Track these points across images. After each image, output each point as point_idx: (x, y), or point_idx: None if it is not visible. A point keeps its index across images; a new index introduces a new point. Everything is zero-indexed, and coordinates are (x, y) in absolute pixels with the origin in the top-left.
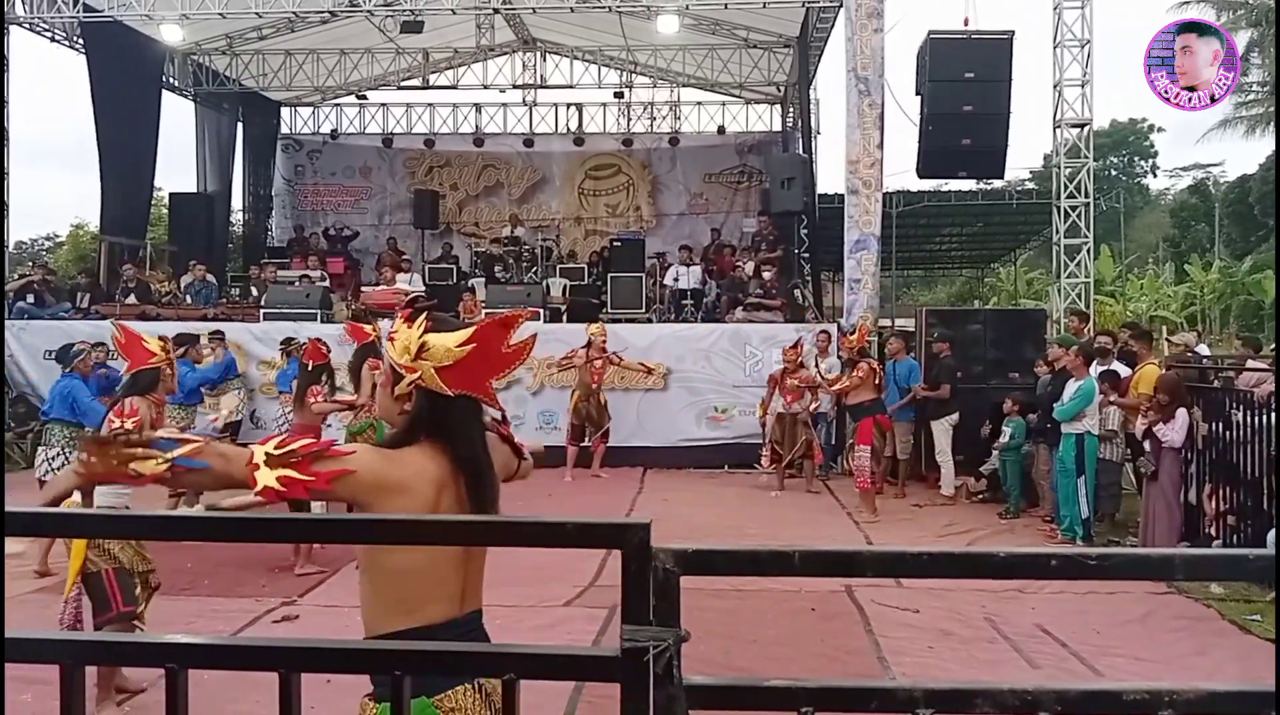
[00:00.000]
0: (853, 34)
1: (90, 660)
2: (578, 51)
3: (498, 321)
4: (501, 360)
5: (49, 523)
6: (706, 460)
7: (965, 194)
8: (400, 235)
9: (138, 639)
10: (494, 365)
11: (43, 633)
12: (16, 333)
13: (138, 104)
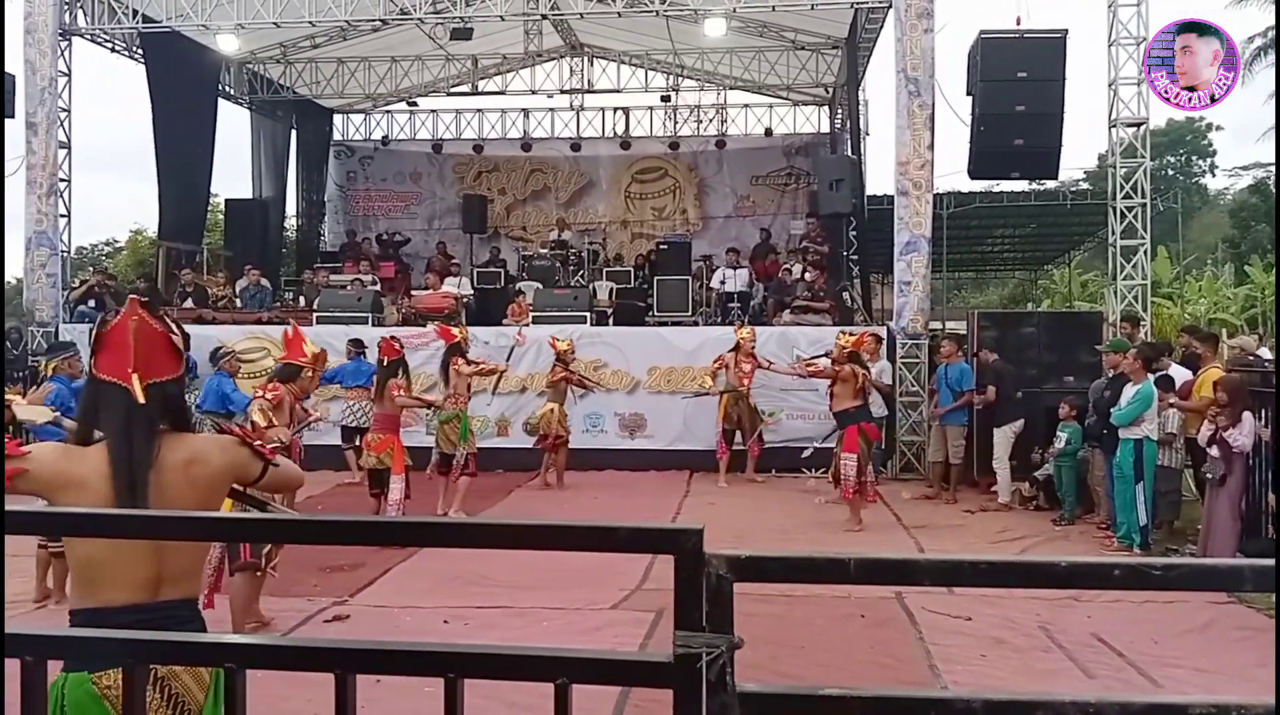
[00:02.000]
0: (902, 34)
1: (153, 659)
2: (625, 56)
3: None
4: (128, 350)
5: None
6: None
7: (1018, 195)
8: (449, 239)
9: (200, 638)
10: (125, 353)
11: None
12: (78, 337)
13: (195, 112)
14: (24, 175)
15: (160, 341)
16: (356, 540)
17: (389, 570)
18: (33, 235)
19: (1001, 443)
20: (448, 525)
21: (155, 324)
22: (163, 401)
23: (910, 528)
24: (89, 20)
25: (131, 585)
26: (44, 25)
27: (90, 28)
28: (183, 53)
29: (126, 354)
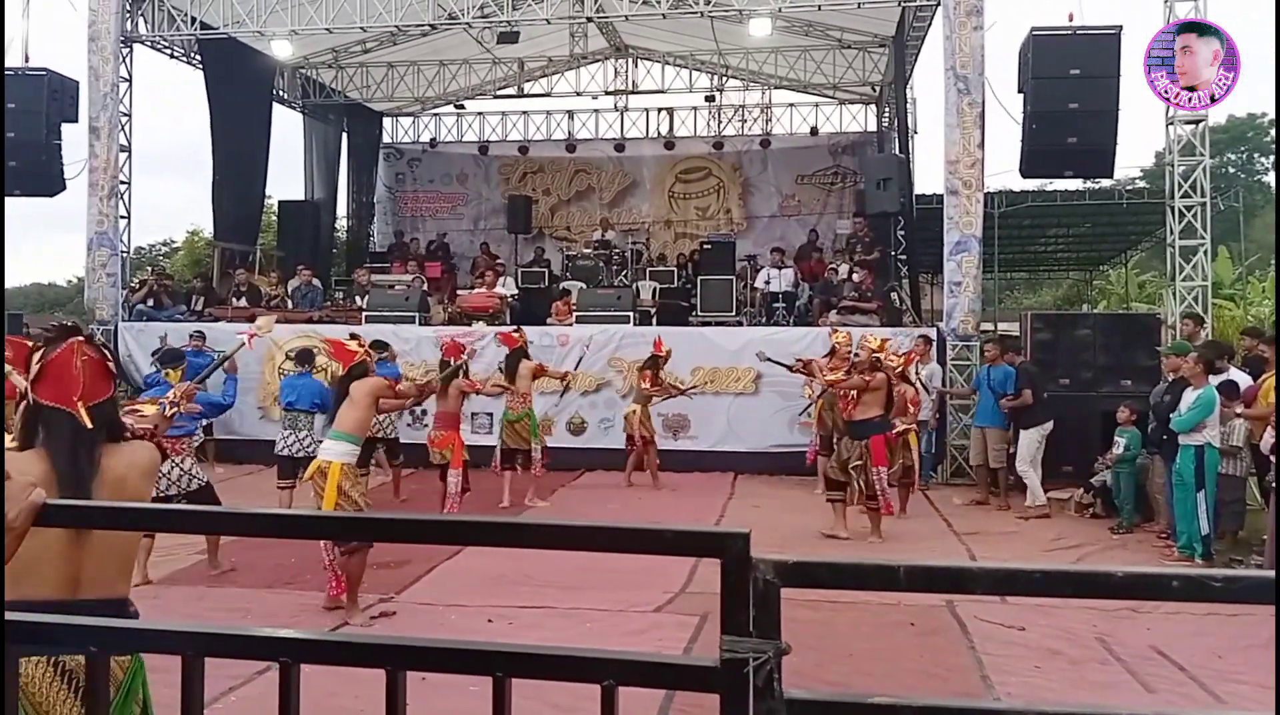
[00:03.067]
0: (951, 32)
1: (211, 652)
2: (669, 57)
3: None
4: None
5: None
6: (799, 467)
7: (1071, 194)
8: (494, 240)
9: (255, 632)
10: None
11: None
12: (135, 333)
13: (250, 116)
14: (86, 178)
15: (98, 369)
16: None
17: (434, 567)
18: (94, 236)
19: (1027, 445)
20: (496, 525)
21: (93, 354)
22: (102, 421)
23: (961, 534)
24: (149, 28)
25: (52, 582)
26: (107, 33)
27: (150, 35)
28: (239, 58)
29: (71, 384)
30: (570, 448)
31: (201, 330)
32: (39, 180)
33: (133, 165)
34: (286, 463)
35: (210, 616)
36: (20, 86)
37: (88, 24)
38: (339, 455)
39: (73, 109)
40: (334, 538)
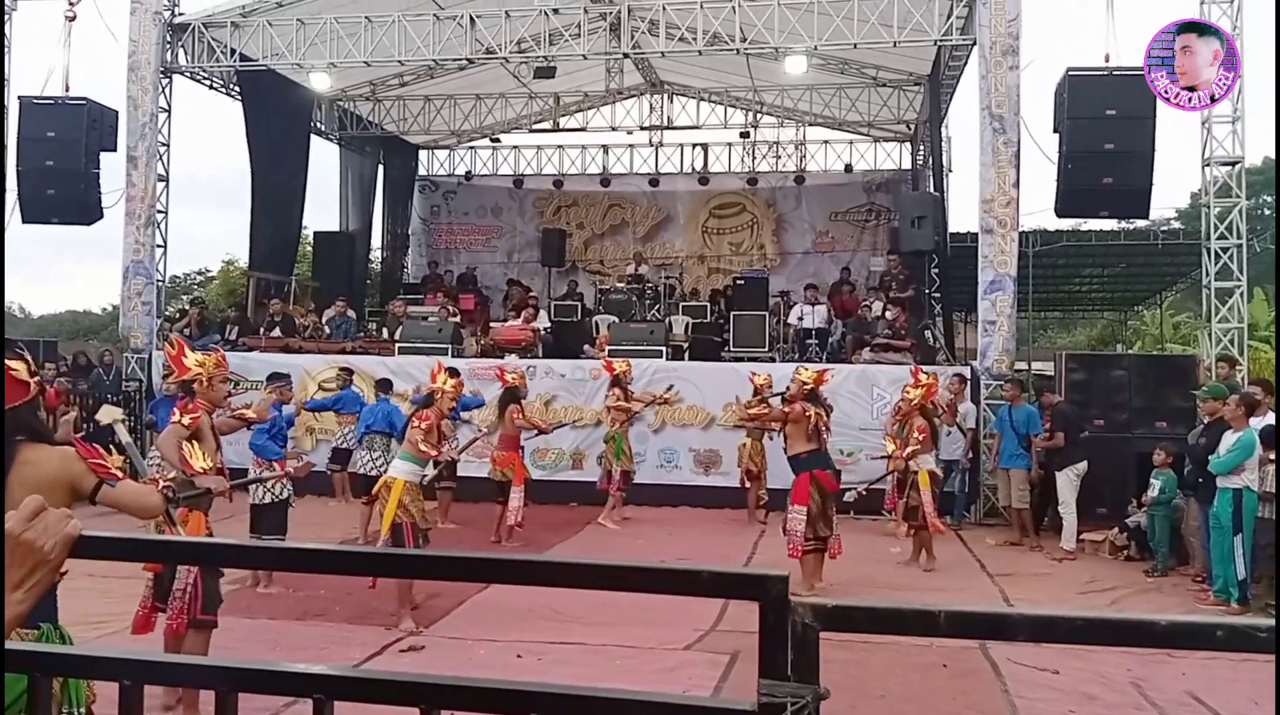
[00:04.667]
0: (987, 71)
1: (245, 688)
2: (704, 93)
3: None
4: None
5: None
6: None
7: (1106, 234)
8: (527, 273)
9: (289, 668)
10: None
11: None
12: None
13: (288, 147)
14: (123, 207)
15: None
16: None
17: (464, 601)
18: (130, 264)
19: (1065, 486)
20: (531, 563)
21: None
22: (18, 422)
23: (995, 575)
24: (189, 59)
25: None
26: (147, 63)
27: (190, 66)
28: (277, 90)
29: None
30: None
31: (349, 367)
32: (77, 208)
33: (170, 194)
34: (362, 481)
35: (240, 648)
36: (60, 116)
37: (128, 54)
38: (403, 473)
39: (111, 138)
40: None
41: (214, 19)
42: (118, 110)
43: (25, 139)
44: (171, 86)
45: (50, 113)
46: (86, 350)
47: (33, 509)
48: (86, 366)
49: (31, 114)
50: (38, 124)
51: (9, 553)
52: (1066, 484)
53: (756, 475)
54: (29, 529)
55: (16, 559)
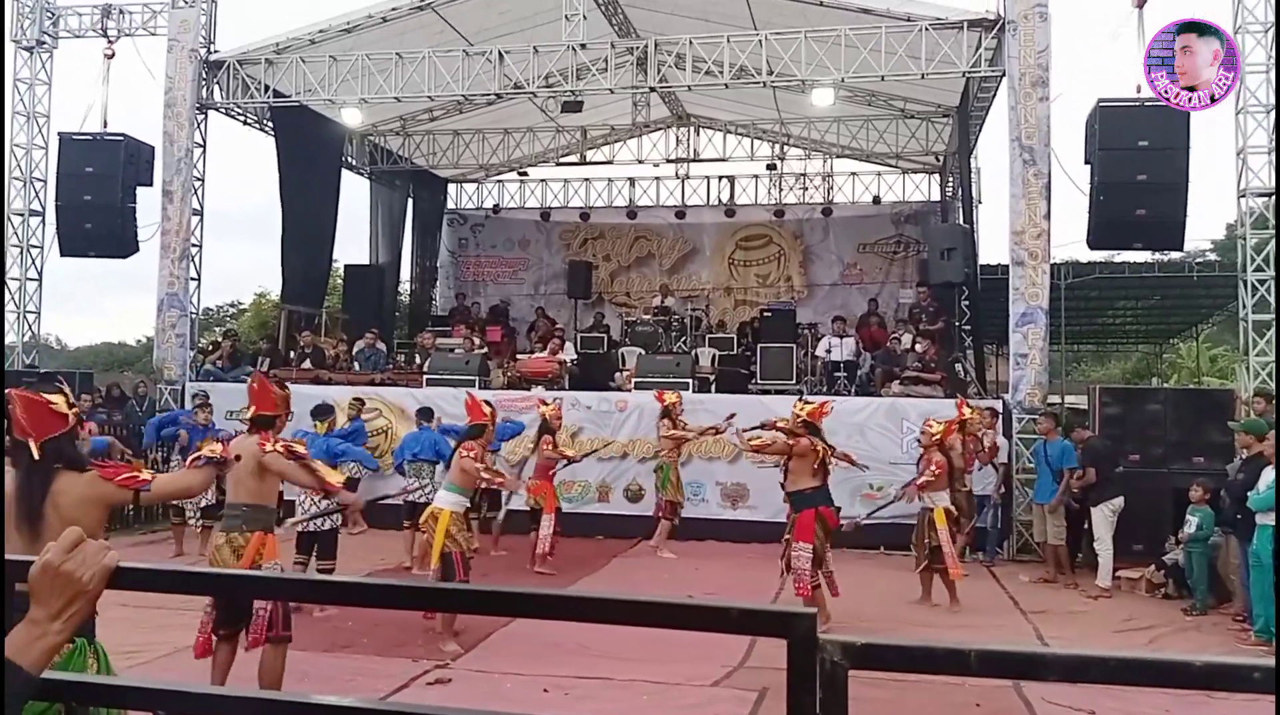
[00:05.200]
0: (1016, 103)
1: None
2: (731, 125)
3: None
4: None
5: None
6: (861, 540)
7: (1140, 266)
8: (554, 305)
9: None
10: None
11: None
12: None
13: (319, 181)
14: (158, 240)
15: (43, 410)
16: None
17: (490, 634)
18: (165, 297)
19: (1100, 522)
20: (556, 597)
21: (37, 398)
22: (55, 452)
23: (1028, 613)
24: (224, 95)
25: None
26: (183, 100)
27: (225, 102)
28: (310, 125)
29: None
30: (627, 515)
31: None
32: (114, 242)
33: (204, 228)
34: (408, 507)
35: None
36: (98, 151)
37: (165, 91)
38: (450, 504)
39: (148, 173)
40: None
41: (248, 56)
42: (154, 146)
43: (64, 175)
44: (207, 122)
45: (89, 148)
46: (121, 382)
47: (72, 540)
48: (121, 398)
49: (70, 150)
50: (77, 160)
51: (49, 583)
52: (1101, 520)
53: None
54: (68, 560)
55: (56, 590)
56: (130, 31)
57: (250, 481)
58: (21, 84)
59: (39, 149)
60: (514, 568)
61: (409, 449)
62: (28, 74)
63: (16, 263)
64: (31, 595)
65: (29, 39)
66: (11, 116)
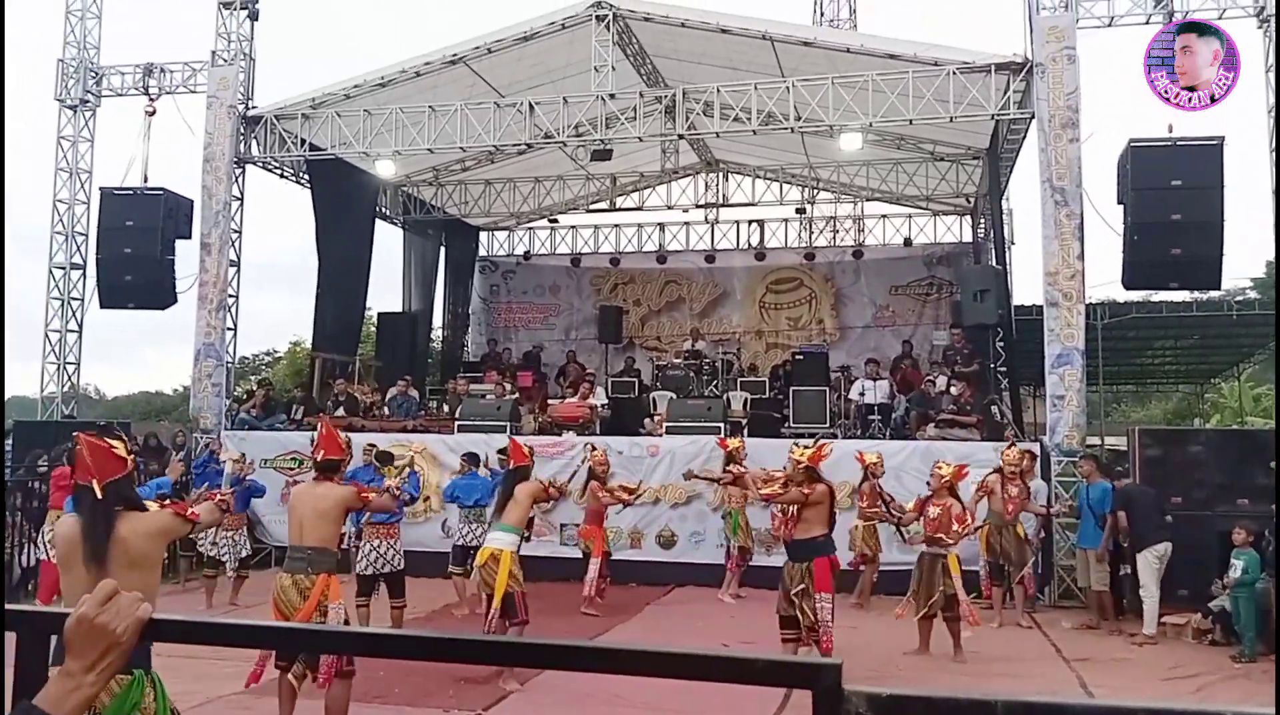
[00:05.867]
0: (1047, 144)
1: None
2: (760, 170)
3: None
4: (86, 465)
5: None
6: (897, 586)
7: (1178, 305)
8: (585, 350)
9: None
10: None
11: None
12: (237, 441)
13: (353, 232)
14: (196, 291)
15: (107, 455)
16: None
17: (524, 683)
18: (201, 347)
19: (1145, 569)
20: (584, 649)
21: (101, 443)
22: (116, 494)
23: (1072, 661)
24: (261, 149)
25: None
26: (221, 155)
27: (262, 156)
28: (344, 177)
29: (86, 468)
30: (660, 562)
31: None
32: (153, 294)
33: (240, 279)
34: (460, 551)
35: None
36: (139, 205)
37: (204, 146)
38: (507, 544)
39: (187, 226)
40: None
41: (285, 111)
42: (193, 199)
43: (105, 228)
44: (244, 176)
45: (129, 203)
46: (158, 431)
47: (106, 593)
48: (158, 448)
49: (111, 204)
50: (117, 214)
51: (83, 635)
52: (1145, 566)
53: (872, 558)
54: (102, 612)
55: (90, 641)
56: (171, 89)
57: (316, 525)
58: (65, 141)
59: (81, 204)
60: (562, 610)
61: (459, 494)
62: (71, 131)
63: (57, 315)
64: (66, 647)
65: (73, 98)
66: (55, 172)
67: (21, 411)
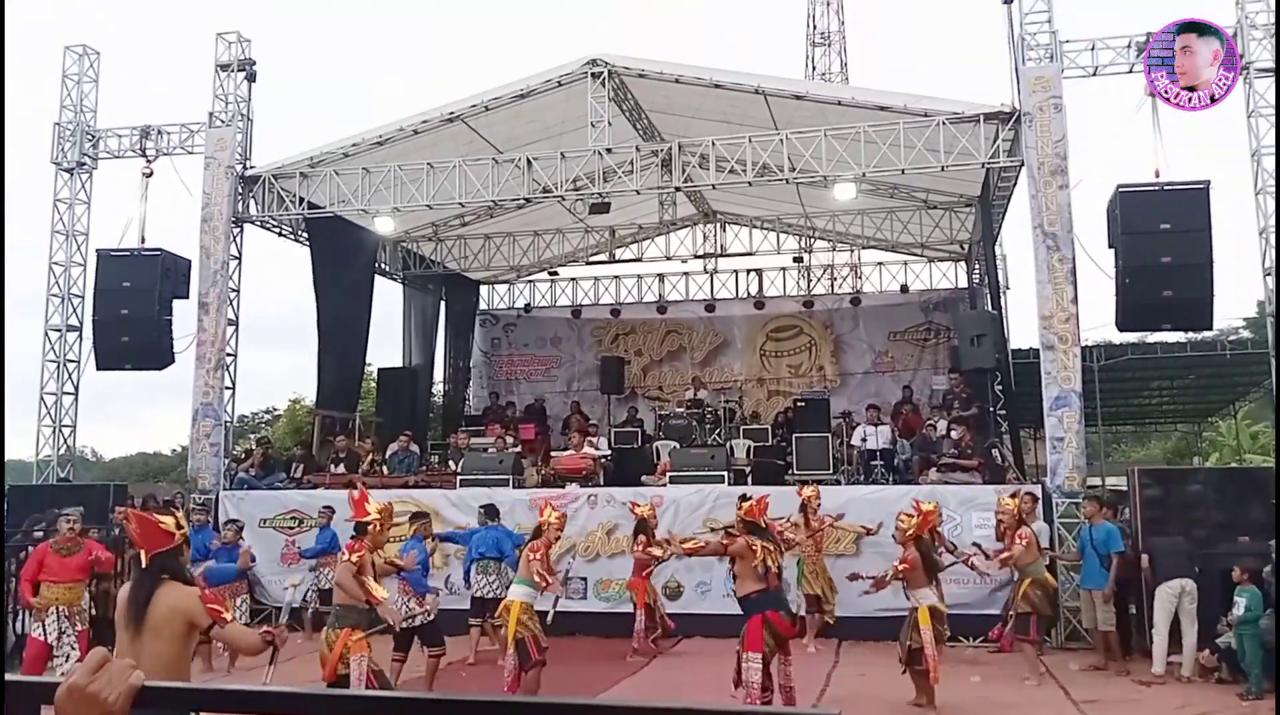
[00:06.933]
0: (1037, 191)
1: None
2: (757, 220)
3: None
4: (137, 536)
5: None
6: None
7: (1172, 346)
8: (587, 401)
9: None
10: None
11: None
12: (235, 502)
13: (353, 288)
14: (194, 351)
15: (153, 528)
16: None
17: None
18: (199, 407)
19: (1159, 605)
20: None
21: (149, 517)
22: (161, 565)
23: (1080, 703)
24: (259, 208)
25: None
26: (219, 214)
27: (260, 215)
28: (343, 235)
29: (137, 539)
30: (668, 613)
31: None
32: (150, 355)
33: (239, 337)
34: (478, 603)
35: None
36: (136, 266)
37: (201, 207)
38: (521, 595)
39: (184, 286)
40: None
41: (283, 170)
42: (190, 259)
43: (101, 290)
44: (242, 235)
45: (126, 263)
46: (156, 493)
47: (97, 662)
48: (158, 509)
49: (108, 266)
50: (114, 275)
51: (75, 705)
52: (1160, 603)
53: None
54: (93, 681)
55: (82, 710)
56: (168, 151)
57: (344, 582)
58: (61, 203)
59: (77, 266)
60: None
61: (477, 547)
62: (68, 194)
63: (53, 377)
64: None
65: (69, 161)
66: (50, 234)
67: (17, 475)
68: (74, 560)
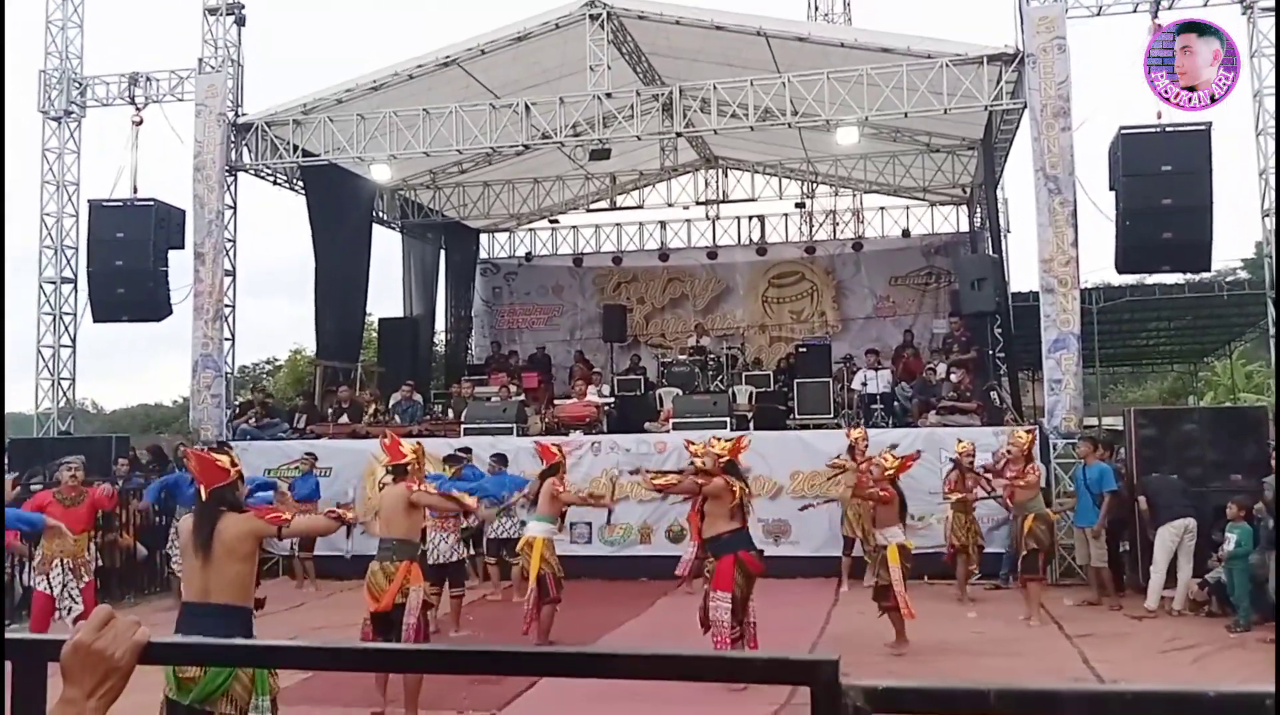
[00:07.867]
0: (1039, 134)
1: None
2: (759, 166)
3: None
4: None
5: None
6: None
7: (1170, 287)
8: (590, 349)
9: None
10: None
11: None
12: (239, 452)
13: (351, 238)
14: (191, 302)
15: (211, 465)
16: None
17: (536, 683)
18: (199, 358)
19: (1160, 544)
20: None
21: (207, 455)
22: (219, 498)
23: (1074, 637)
24: (253, 157)
25: (194, 590)
26: (212, 163)
27: (254, 163)
28: (340, 183)
29: (197, 475)
30: (669, 556)
31: (313, 452)
32: (147, 306)
33: (237, 288)
34: (493, 544)
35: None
36: (129, 217)
37: (194, 155)
38: (541, 532)
39: (179, 236)
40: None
41: (276, 117)
42: (184, 209)
43: (95, 241)
44: (236, 184)
45: (119, 214)
46: (159, 443)
47: (102, 619)
48: (162, 459)
49: (101, 217)
50: (107, 226)
51: (80, 662)
52: (1161, 542)
53: (964, 547)
54: (99, 638)
55: (88, 668)
56: (158, 98)
57: (399, 519)
58: (50, 153)
59: (69, 217)
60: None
61: (495, 491)
62: (56, 143)
63: (50, 330)
64: (64, 675)
65: (57, 109)
66: (40, 185)
67: (18, 428)
68: (78, 511)
